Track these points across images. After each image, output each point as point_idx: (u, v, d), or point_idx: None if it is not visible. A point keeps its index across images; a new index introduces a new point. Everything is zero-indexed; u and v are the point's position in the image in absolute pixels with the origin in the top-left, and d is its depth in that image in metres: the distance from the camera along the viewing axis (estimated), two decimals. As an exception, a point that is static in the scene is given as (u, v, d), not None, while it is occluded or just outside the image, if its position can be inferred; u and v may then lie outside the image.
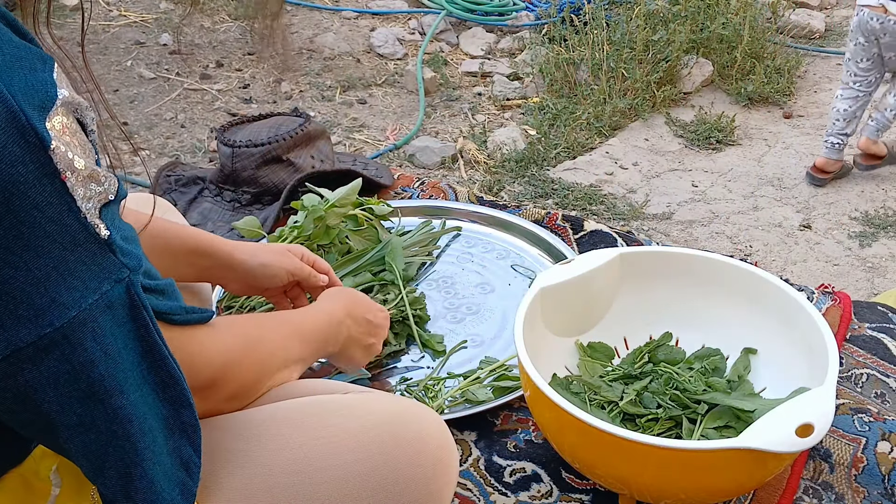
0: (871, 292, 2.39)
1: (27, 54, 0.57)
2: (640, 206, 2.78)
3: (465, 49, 3.81)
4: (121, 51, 3.50)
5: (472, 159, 2.96)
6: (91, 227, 0.58)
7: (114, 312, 0.61)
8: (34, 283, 0.56)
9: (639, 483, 1.07)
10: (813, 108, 3.56)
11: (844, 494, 1.19)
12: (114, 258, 0.60)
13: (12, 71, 0.55)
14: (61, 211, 0.56)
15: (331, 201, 1.61)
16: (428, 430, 0.80)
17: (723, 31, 3.56)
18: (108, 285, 0.60)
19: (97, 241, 0.59)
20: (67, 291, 0.57)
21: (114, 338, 0.61)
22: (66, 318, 0.57)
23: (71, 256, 0.57)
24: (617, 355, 1.35)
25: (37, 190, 0.55)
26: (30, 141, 0.54)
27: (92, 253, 0.59)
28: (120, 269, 0.61)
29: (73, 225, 0.57)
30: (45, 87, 0.57)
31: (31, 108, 0.55)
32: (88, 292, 0.58)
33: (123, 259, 0.61)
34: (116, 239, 0.61)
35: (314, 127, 1.98)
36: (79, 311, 0.58)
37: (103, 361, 0.60)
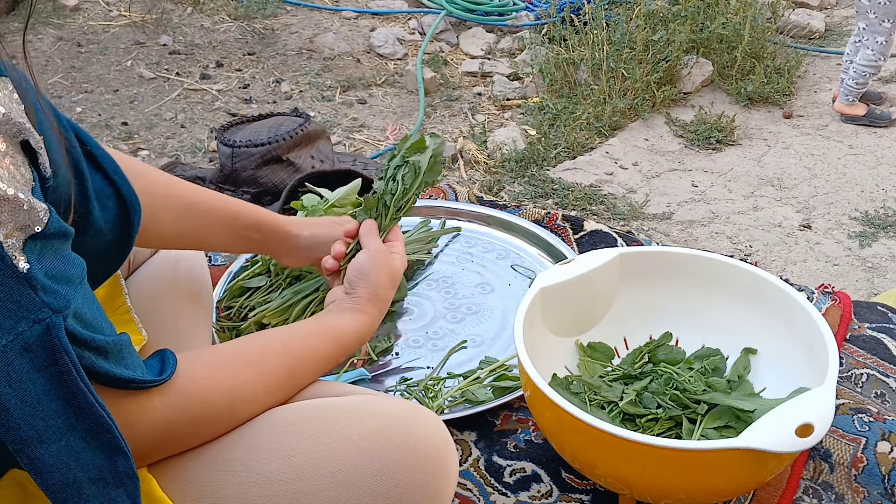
0: (871, 292, 2.39)
1: None
2: (640, 206, 2.78)
3: (465, 49, 3.81)
4: (121, 51, 3.50)
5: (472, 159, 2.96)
6: (8, 258, 0.54)
7: (32, 356, 0.56)
8: None
9: (639, 483, 1.07)
10: (813, 108, 3.56)
11: (844, 494, 1.19)
12: (33, 295, 0.55)
13: None
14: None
15: (331, 201, 1.61)
16: (427, 434, 0.79)
17: (723, 31, 3.56)
18: (24, 325, 0.55)
19: (14, 275, 0.54)
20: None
21: (32, 383, 0.56)
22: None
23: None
24: (617, 355, 1.35)
25: None
26: None
27: (7, 288, 0.54)
28: (40, 309, 0.55)
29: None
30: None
31: None
32: (1, 333, 0.54)
33: (45, 297, 0.56)
34: (37, 275, 0.55)
35: (314, 127, 1.98)
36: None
37: (19, 408, 0.55)
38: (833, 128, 3.41)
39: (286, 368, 0.84)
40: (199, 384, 0.75)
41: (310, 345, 0.90)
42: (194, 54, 3.54)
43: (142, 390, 0.68)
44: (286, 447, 0.76)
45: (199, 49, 3.59)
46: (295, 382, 0.86)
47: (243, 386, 0.79)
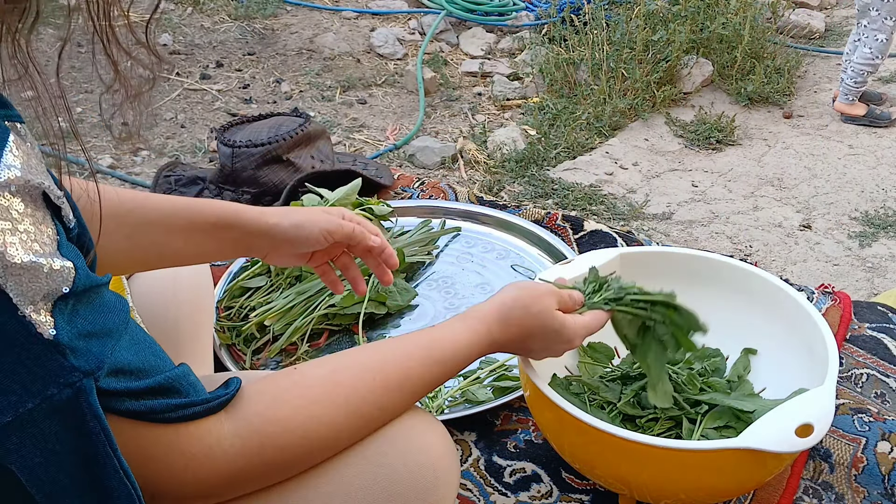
0: (871, 292, 2.39)
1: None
2: (640, 206, 2.78)
3: (465, 49, 3.81)
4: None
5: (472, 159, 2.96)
6: (33, 326, 0.53)
7: (60, 417, 0.55)
8: None
9: (639, 483, 1.07)
10: (813, 108, 3.56)
11: (844, 494, 1.19)
12: (61, 360, 0.55)
13: None
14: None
15: (331, 201, 1.61)
16: (429, 442, 0.78)
17: (723, 31, 3.56)
18: (53, 389, 0.54)
19: (41, 342, 0.54)
20: (2, 395, 0.53)
21: (59, 443, 0.56)
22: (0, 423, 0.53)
23: (6, 358, 0.53)
24: (617, 355, 1.35)
25: None
26: None
27: (34, 354, 0.54)
28: (69, 373, 0.55)
29: (10, 324, 0.52)
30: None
31: None
32: (28, 396, 0.54)
33: (75, 361, 0.55)
34: (65, 338, 0.55)
35: (314, 127, 1.98)
36: (15, 416, 0.53)
37: (44, 467, 0.55)
38: (833, 128, 3.41)
39: (378, 406, 0.76)
40: (276, 426, 0.69)
41: (411, 372, 0.79)
42: (194, 54, 3.54)
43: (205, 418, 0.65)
44: None
45: (199, 49, 3.59)
46: (386, 418, 0.77)
47: (326, 431, 0.72)
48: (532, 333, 0.90)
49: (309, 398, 0.71)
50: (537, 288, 0.92)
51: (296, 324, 1.46)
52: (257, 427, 0.68)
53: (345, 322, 1.49)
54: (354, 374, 0.75)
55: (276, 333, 1.46)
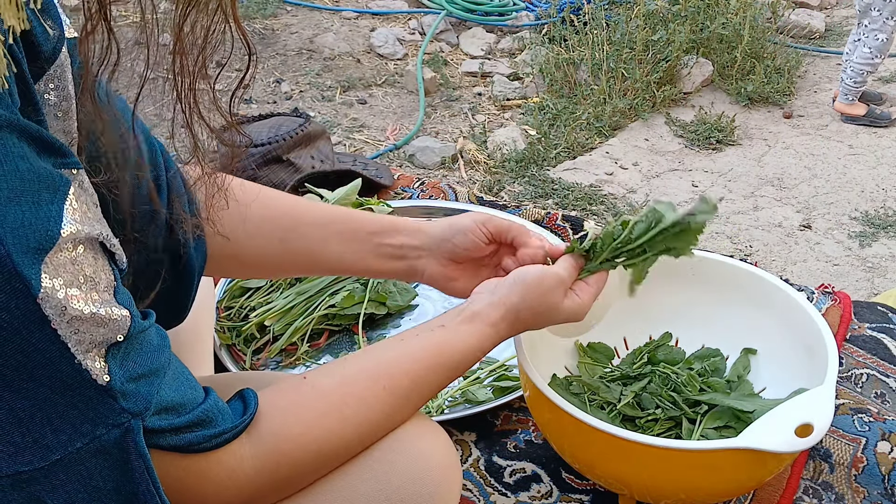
0: (871, 292, 2.39)
1: (32, 186, 0.53)
2: (640, 206, 2.78)
3: (465, 49, 3.81)
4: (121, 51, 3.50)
5: (472, 159, 2.96)
6: (87, 373, 0.55)
7: (107, 457, 0.57)
8: (15, 423, 0.53)
9: (639, 483, 1.07)
10: (813, 108, 3.56)
11: (844, 494, 1.19)
12: (112, 403, 0.57)
13: (7, 208, 0.51)
14: (52, 357, 0.53)
15: (330, 201, 1.61)
16: (431, 449, 0.78)
17: (723, 31, 3.56)
18: (102, 430, 0.56)
19: (94, 387, 0.55)
20: (53, 434, 0.55)
21: (103, 480, 0.58)
22: (49, 461, 0.55)
23: (60, 400, 0.54)
24: (617, 355, 1.35)
25: (22, 336, 0.52)
26: (16, 287, 0.51)
27: (86, 398, 0.55)
28: (119, 415, 0.57)
29: (66, 370, 0.54)
30: (45, 223, 0.53)
31: (23, 251, 0.51)
32: (78, 436, 0.55)
33: (124, 403, 0.57)
34: (118, 384, 0.57)
35: (314, 127, 1.98)
36: (64, 455, 0.55)
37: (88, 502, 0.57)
38: (833, 128, 3.41)
39: (387, 415, 0.76)
40: (291, 444, 0.70)
41: (418, 378, 0.79)
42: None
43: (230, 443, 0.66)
44: None
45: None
46: (394, 425, 0.78)
47: (337, 442, 0.73)
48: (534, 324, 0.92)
49: (320, 412, 0.73)
50: (543, 284, 0.90)
51: (296, 324, 1.46)
52: (273, 446, 0.69)
53: (345, 322, 1.49)
54: (363, 385, 0.76)
55: (276, 333, 1.46)
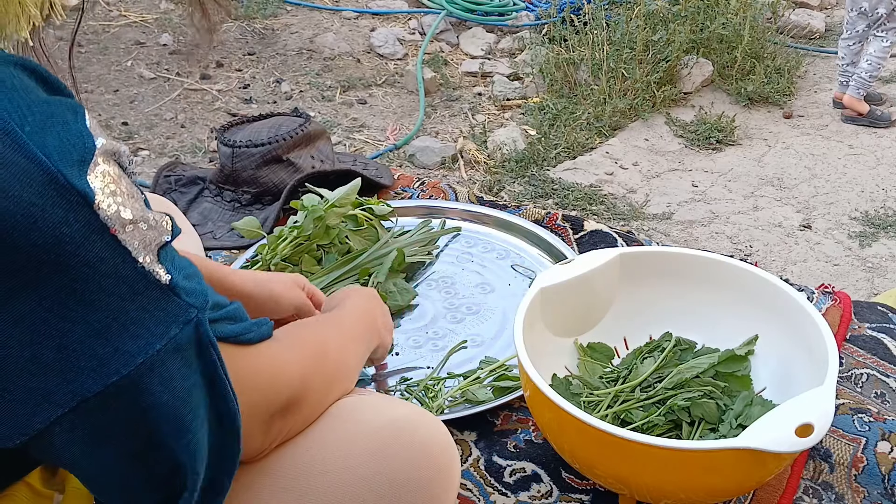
0: (871, 292, 2.39)
1: (58, 109, 0.56)
2: (640, 206, 2.78)
3: (465, 49, 3.81)
4: (121, 51, 3.50)
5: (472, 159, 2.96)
6: (151, 275, 0.57)
7: (183, 354, 0.59)
8: (94, 335, 0.55)
9: (639, 483, 1.07)
10: (813, 108, 3.56)
11: (844, 494, 1.19)
12: (179, 300, 0.59)
13: (45, 130, 0.54)
14: (115, 264, 0.55)
15: (331, 201, 1.61)
16: (429, 435, 0.80)
17: (723, 31, 3.56)
18: (176, 329, 0.59)
19: (159, 287, 0.58)
20: (132, 340, 0.56)
21: (182, 379, 0.59)
22: (133, 366, 0.56)
23: (131, 306, 0.56)
24: (617, 355, 1.35)
25: (86, 248, 0.54)
26: (71, 200, 0.53)
27: (155, 299, 0.58)
28: (187, 311, 0.59)
29: (131, 275, 0.56)
30: (81, 139, 0.55)
31: (70, 165, 0.54)
32: (155, 339, 0.57)
33: (189, 299, 0.60)
34: (179, 281, 0.59)
35: (314, 127, 1.98)
36: (146, 358, 0.57)
37: (171, 403, 0.59)
38: (833, 128, 3.41)
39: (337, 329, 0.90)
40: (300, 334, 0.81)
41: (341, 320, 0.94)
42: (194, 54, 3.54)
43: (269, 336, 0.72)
44: (290, 446, 0.77)
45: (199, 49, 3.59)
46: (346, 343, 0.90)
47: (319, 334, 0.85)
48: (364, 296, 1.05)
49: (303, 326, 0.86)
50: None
51: (296, 324, 1.46)
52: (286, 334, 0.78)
53: (345, 322, 1.49)
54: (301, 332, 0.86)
55: (276, 333, 1.46)
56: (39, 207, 0.52)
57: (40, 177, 0.52)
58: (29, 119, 0.53)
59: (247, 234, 1.67)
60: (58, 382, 0.55)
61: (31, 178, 0.52)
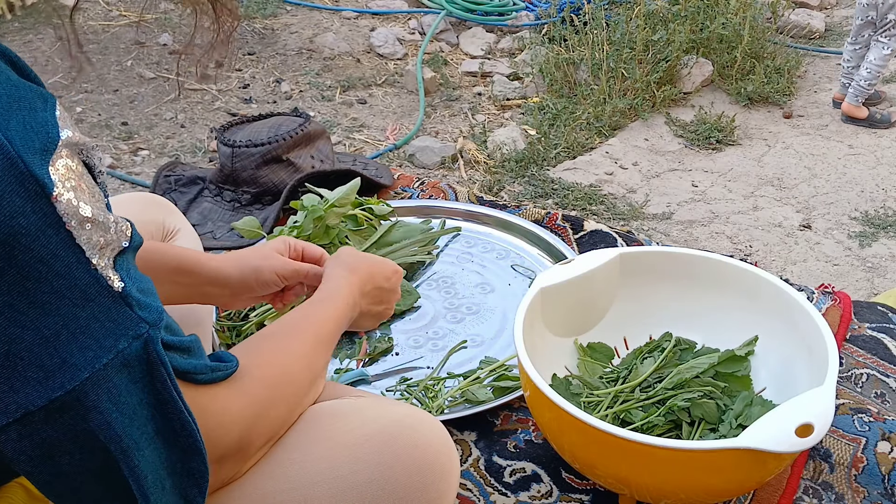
0: (871, 292, 2.39)
1: (27, 94, 0.54)
2: (640, 206, 2.78)
3: (465, 49, 3.81)
4: (121, 51, 3.50)
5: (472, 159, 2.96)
6: (103, 279, 0.55)
7: (130, 371, 0.57)
8: (43, 343, 0.52)
9: (639, 483, 1.07)
10: (813, 108, 3.56)
11: (844, 494, 1.19)
12: (130, 312, 0.56)
13: (9, 113, 0.51)
14: (69, 264, 0.53)
15: (330, 201, 1.61)
16: (426, 438, 0.78)
17: (723, 31, 3.56)
18: (124, 343, 0.56)
19: (111, 294, 0.55)
20: (80, 351, 0.54)
21: (129, 395, 0.57)
22: (79, 380, 0.54)
23: (82, 313, 0.54)
24: (617, 355, 1.35)
25: (41, 242, 0.51)
26: (29, 189, 0.51)
27: (106, 308, 0.55)
28: (137, 324, 0.57)
29: (84, 278, 0.54)
30: (45, 127, 0.53)
31: (31, 152, 0.51)
32: (103, 352, 0.55)
33: (141, 313, 0.57)
34: (132, 291, 0.57)
35: (314, 127, 1.98)
36: (92, 373, 0.54)
37: (119, 421, 0.56)
38: (833, 128, 3.41)
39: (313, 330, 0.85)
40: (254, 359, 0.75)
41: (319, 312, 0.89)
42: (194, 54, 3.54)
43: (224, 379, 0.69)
44: (282, 458, 0.76)
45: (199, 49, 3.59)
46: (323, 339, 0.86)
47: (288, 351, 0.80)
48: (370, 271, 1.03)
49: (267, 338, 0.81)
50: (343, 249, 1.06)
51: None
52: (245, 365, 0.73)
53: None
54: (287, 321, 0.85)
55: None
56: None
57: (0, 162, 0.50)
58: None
59: (247, 233, 1.67)
60: (4, 390, 0.53)
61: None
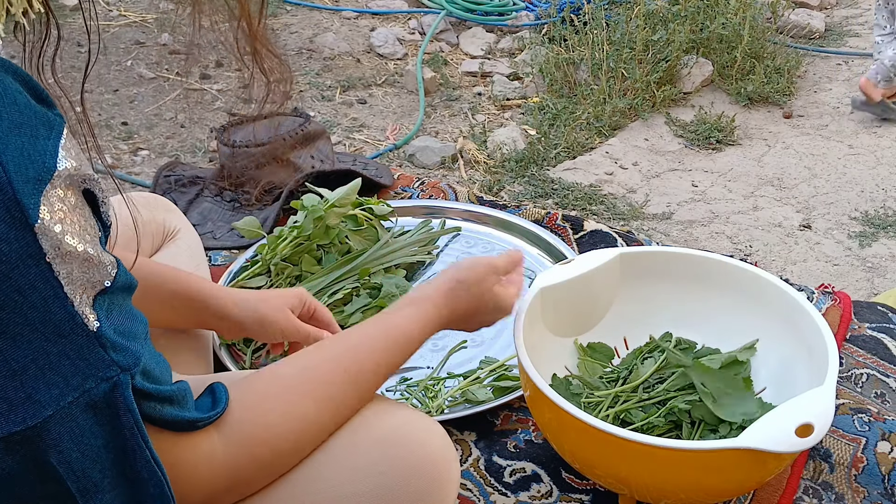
0: (871, 292, 2.38)
1: (31, 120, 0.53)
2: (640, 206, 2.78)
3: (465, 49, 3.81)
4: (121, 51, 3.50)
5: (472, 159, 2.96)
6: (79, 317, 0.54)
7: (97, 413, 0.56)
8: (9, 375, 0.52)
9: (639, 483, 1.07)
10: (813, 108, 3.56)
11: (844, 494, 1.19)
12: (102, 353, 0.55)
13: (8, 138, 0.51)
14: (46, 297, 0.52)
15: (330, 201, 1.61)
16: (426, 446, 0.78)
17: (723, 31, 3.56)
18: (92, 383, 0.55)
19: (85, 333, 0.54)
20: (46, 388, 0.53)
21: (93, 437, 0.56)
22: (41, 417, 0.53)
23: (53, 349, 0.53)
24: (617, 355, 1.35)
25: (19, 271, 0.51)
26: (15, 216, 0.50)
27: (77, 346, 0.54)
28: (108, 367, 0.56)
29: (59, 313, 0.53)
30: (42, 157, 0.52)
31: (24, 180, 0.51)
32: (69, 390, 0.54)
33: (114, 356, 0.56)
34: (108, 332, 0.56)
35: (314, 127, 1.98)
36: (56, 410, 0.54)
37: (80, 461, 0.56)
38: (833, 128, 3.41)
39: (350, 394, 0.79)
40: (258, 428, 0.71)
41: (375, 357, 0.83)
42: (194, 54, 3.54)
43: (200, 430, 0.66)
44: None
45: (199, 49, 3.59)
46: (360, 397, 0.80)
47: (307, 421, 0.75)
48: (476, 310, 0.98)
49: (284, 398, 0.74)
50: (477, 268, 0.99)
51: (296, 324, 1.46)
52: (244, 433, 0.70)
53: (346, 324, 1.49)
54: (325, 368, 0.78)
55: (276, 333, 1.46)
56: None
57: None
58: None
59: (247, 234, 1.67)
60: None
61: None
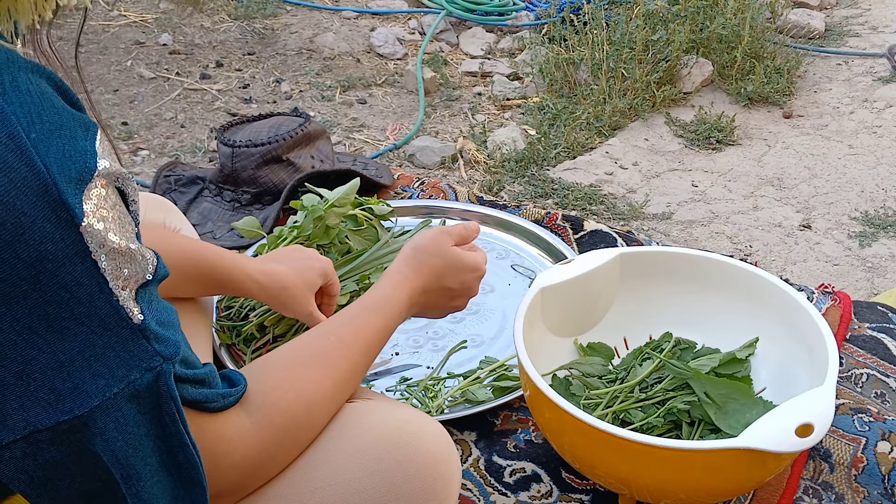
0: (871, 292, 2.38)
1: (69, 122, 0.55)
2: (640, 206, 2.78)
3: (465, 49, 3.81)
4: (121, 51, 3.50)
5: (472, 159, 2.96)
6: (124, 311, 0.56)
7: (140, 402, 0.58)
8: (57, 367, 0.54)
9: (639, 483, 1.07)
10: (813, 108, 3.56)
11: (844, 494, 1.19)
12: (146, 345, 0.58)
13: (50, 140, 0.53)
14: (91, 292, 0.54)
15: (330, 201, 1.61)
16: (427, 445, 0.78)
17: (722, 31, 3.56)
18: (136, 374, 0.57)
19: (129, 326, 0.57)
20: (92, 379, 0.55)
21: (136, 426, 0.58)
22: (88, 408, 0.55)
23: (99, 341, 0.55)
24: (617, 355, 1.35)
25: (66, 269, 0.53)
26: (61, 216, 0.52)
27: (122, 339, 0.56)
28: (152, 358, 0.58)
29: (104, 308, 0.55)
30: (83, 157, 0.54)
31: (67, 181, 0.52)
32: (114, 381, 0.56)
33: (157, 346, 0.58)
34: (151, 324, 0.58)
35: (314, 127, 1.98)
36: (102, 401, 0.55)
37: (123, 450, 0.57)
38: (833, 128, 3.41)
39: (346, 358, 0.84)
40: (271, 396, 0.74)
41: (361, 326, 0.88)
42: (194, 54, 3.54)
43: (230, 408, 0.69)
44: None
45: (199, 49, 3.59)
46: (358, 368, 0.85)
47: (312, 386, 0.78)
48: (441, 273, 1.02)
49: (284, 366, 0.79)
50: (428, 233, 1.04)
51: (296, 325, 1.46)
52: (265, 405, 0.73)
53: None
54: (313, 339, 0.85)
55: (276, 334, 1.46)
56: (30, 218, 0.51)
57: (36, 187, 0.51)
58: (37, 126, 0.52)
59: (247, 234, 1.67)
60: (14, 407, 0.54)
61: (28, 186, 0.51)
